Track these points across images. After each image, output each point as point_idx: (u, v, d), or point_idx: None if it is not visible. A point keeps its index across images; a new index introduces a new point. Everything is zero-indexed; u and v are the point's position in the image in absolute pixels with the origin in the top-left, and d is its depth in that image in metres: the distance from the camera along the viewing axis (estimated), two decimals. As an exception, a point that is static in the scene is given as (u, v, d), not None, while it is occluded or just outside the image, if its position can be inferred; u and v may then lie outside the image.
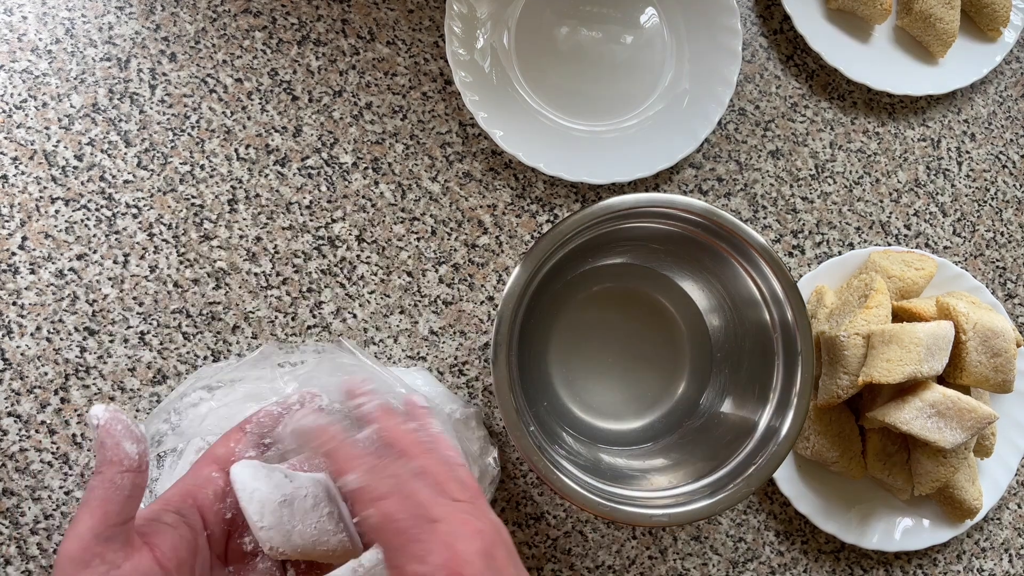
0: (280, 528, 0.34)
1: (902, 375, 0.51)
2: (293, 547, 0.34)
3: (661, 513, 0.45)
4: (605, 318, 0.57)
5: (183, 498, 0.34)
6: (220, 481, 0.35)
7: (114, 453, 0.30)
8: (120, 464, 0.30)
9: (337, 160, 0.58)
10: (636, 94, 0.61)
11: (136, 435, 0.30)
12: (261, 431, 0.37)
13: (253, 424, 0.37)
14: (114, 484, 0.30)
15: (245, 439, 0.37)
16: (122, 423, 0.30)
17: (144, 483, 0.31)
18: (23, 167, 0.54)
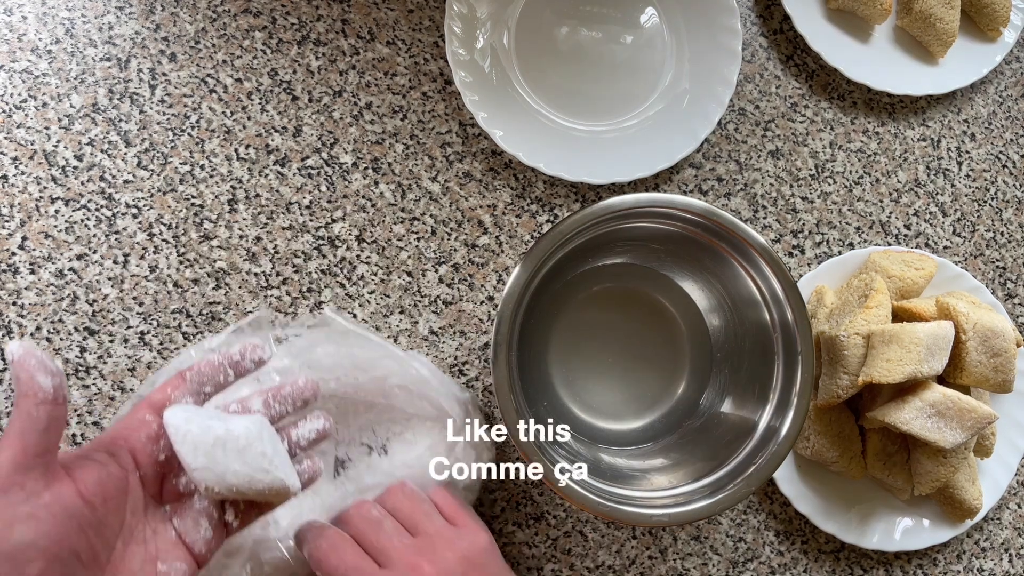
0: (213, 468, 0.35)
1: (902, 375, 0.51)
2: (227, 486, 0.35)
3: (661, 513, 0.45)
4: (605, 318, 0.57)
5: (114, 439, 0.35)
6: (154, 425, 0.36)
7: (28, 386, 0.30)
8: (35, 396, 0.30)
9: (337, 160, 0.58)
10: (636, 94, 0.61)
11: (51, 369, 0.31)
12: (201, 379, 0.38)
13: (193, 372, 0.38)
14: (30, 416, 0.30)
15: (184, 386, 0.37)
16: (36, 357, 0.31)
17: (62, 416, 0.31)
18: (23, 167, 0.54)
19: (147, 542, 0.34)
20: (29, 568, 0.29)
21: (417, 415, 0.50)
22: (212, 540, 0.36)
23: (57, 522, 0.30)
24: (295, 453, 0.40)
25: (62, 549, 0.30)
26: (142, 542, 0.34)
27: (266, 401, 0.39)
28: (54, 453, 0.31)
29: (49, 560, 0.29)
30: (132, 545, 0.34)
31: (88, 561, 0.31)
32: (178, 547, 0.35)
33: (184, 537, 0.36)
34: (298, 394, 0.40)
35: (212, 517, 0.36)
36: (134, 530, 0.34)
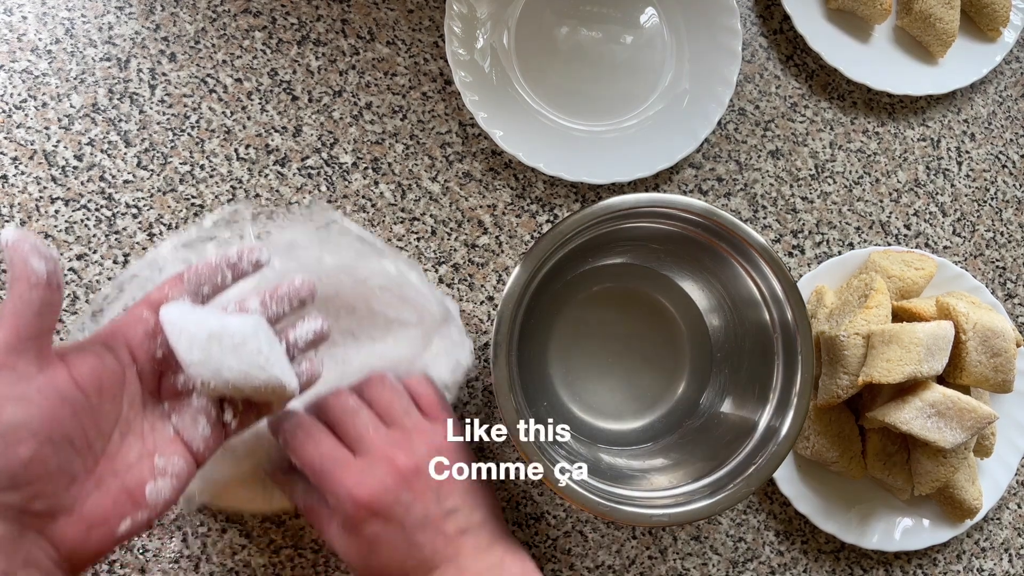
0: (209, 363, 0.35)
1: (902, 375, 0.51)
2: (223, 382, 0.35)
3: (661, 513, 0.45)
4: (605, 318, 0.57)
5: (111, 333, 0.35)
6: (151, 321, 0.36)
7: (21, 270, 0.30)
8: (27, 280, 0.30)
9: (337, 160, 0.58)
10: (636, 94, 0.61)
11: (44, 254, 0.31)
12: (199, 280, 0.37)
13: (191, 273, 0.38)
14: (23, 299, 0.30)
15: (181, 286, 0.37)
16: (29, 242, 0.31)
17: (56, 302, 0.31)
18: (23, 167, 0.54)
19: (145, 437, 0.35)
20: (20, 449, 0.29)
21: (399, 320, 0.50)
22: (210, 439, 0.36)
23: (49, 404, 0.30)
24: (293, 355, 0.40)
25: (54, 432, 0.30)
26: (140, 436, 0.34)
27: (263, 301, 0.39)
28: (47, 338, 0.31)
29: (41, 442, 0.30)
30: (129, 437, 0.34)
31: (82, 447, 0.32)
32: (176, 443, 0.35)
33: (182, 434, 0.36)
34: (294, 294, 0.40)
35: (211, 417, 0.37)
36: (132, 424, 0.34)
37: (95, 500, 0.32)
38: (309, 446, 0.40)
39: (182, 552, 0.52)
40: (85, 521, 0.32)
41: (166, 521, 0.52)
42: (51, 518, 0.31)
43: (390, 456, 0.40)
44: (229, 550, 0.53)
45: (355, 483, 0.39)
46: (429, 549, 0.40)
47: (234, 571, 0.53)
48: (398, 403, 0.43)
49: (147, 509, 0.33)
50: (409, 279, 0.49)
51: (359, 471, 0.39)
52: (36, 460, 0.29)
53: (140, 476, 0.34)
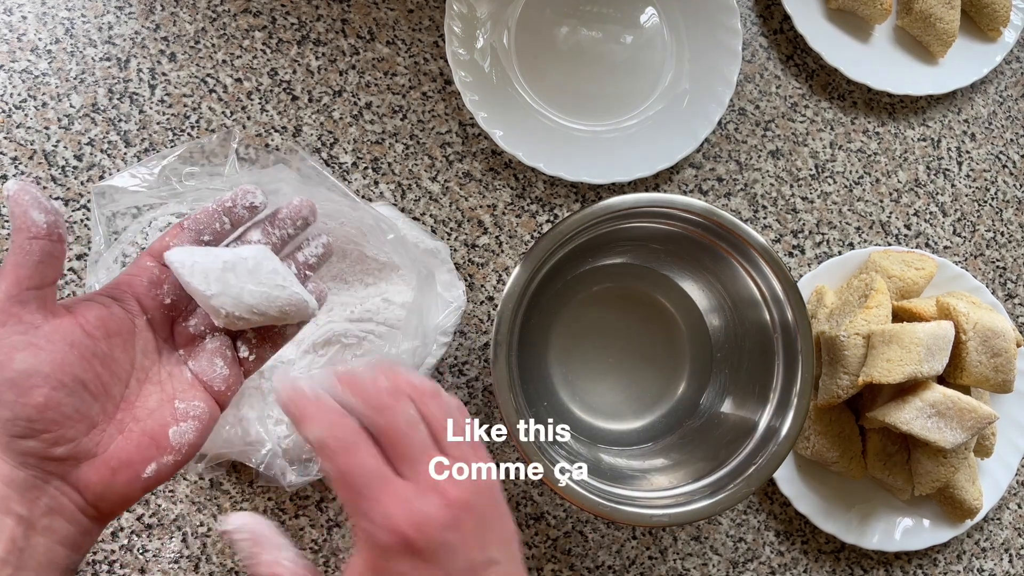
0: (228, 292, 0.35)
1: (902, 375, 0.51)
2: (246, 307, 0.35)
3: (661, 513, 0.45)
4: (605, 318, 0.57)
5: (116, 286, 0.35)
6: (155, 270, 0.36)
7: (22, 221, 0.30)
8: (28, 231, 0.30)
9: (337, 160, 0.57)
10: (636, 94, 0.61)
11: (45, 206, 0.31)
12: (198, 227, 0.37)
13: (191, 221, 0.37)
14: (23, 250, 0.30)
15: (183, 234, 0.37)
16: (31, 194, 0.31)
17: (59, 253, 0.32)
18: (23, 167, 0.54)
19: (163, 384, 0.35)
20: (34, 394, 0.29)
21: (390, 264, 0.50)
22: (230, 377, 0.36)
23: (57, 350, 0.30)
24: (304, 276, 0.40)
25: (66, 376, 0.30)
26: (158, 383, 0.35)
27: (264, 230, 0.39)
28: (51, 289, 0.32)
29: (53, 387, 0.30)
30: (147, 385, 0.34)
31: (97, 391, 0.32)
32: (196, 387, 0.36)
33: (201, 378, 0.36)
34: (296, 214, 0.40)
35: (226, 356, 0.37)
36: (148, 372, 0.35)
37: (118, 444, 0.32)
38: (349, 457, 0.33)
39: (182, 552, 0.52)
40: (109, 465, 0.32)
41: (166, 521, 0.52)
42: (74, 463, 0.31)
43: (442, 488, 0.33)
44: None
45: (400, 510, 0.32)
46: None
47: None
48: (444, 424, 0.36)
49: (172, 452, 0.34)
50: (396, 223, 0.49)
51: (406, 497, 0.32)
52: (51, 405, 0.30)
53: (162, 420, 0.34)
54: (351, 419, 0.33)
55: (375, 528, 0.32)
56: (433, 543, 0.32)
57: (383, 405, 0.34)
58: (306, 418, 0.33)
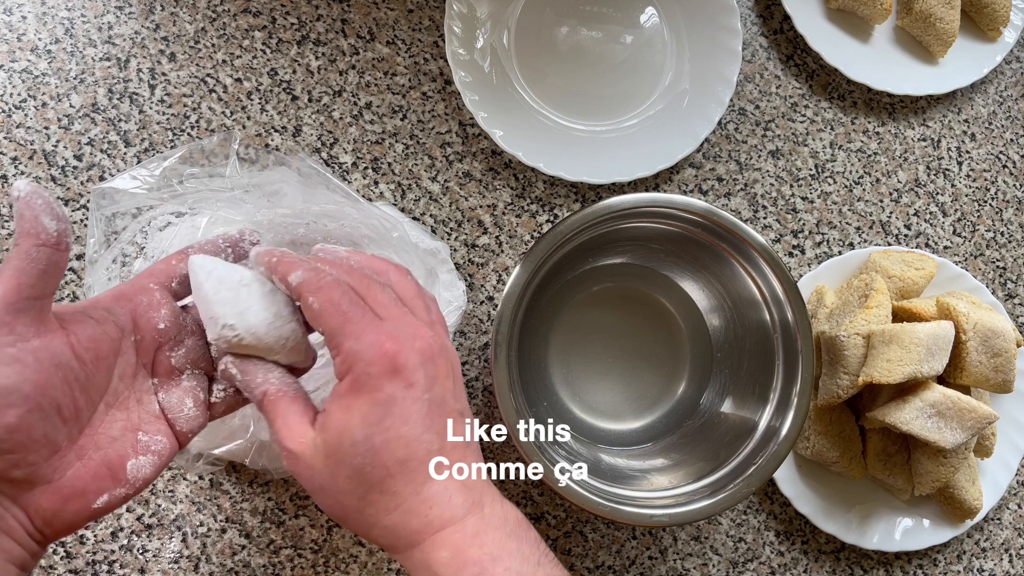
0: (236, 306, 0.34)
1: (902, 375, 0.51)
2: (247, 327, 0.34)
3: (661, 513, 0.45)
4: (605, 318, 0.57)
5: (116, 298, 0.34)
6: (156, 293, 0.35)
7: (32, 225, 0.29)
8: (36, 237, 0.29)
9: (337, 160, 0.57)
10: (636, 94, 0.61)
11: (57, 213, 0.30)
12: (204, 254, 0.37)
13: (196, 249, 0.37)
14: (29, 256, 0.29)
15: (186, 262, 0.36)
16: (43, 198, 0.29)
17: (63, 263, 0.30)
18: (23, 167, 0.54)
19: (130, 410, 0.34)
20: (7, 414, 0.28)
21: None
22: (194, 420, 0.35)
23: (43, 369, 0.29)
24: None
25: (44, 399, 0.29)
26: (125, 408, 0.33)
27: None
28: (49, 300, 0.30)
29: (29, 408, 0.29)
30: (114, 410, 0.33)
31: (69, 417, 0.31)
32: (160, 421, 0.34)
33: (167, 413, 0.35)
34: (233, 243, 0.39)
35: (198, 398, 0.36)
36: (119, 395, 0.33)
37: (75, 472, 0.31)
38: (335, 288, 0.34)
39: (182, 552, 0.52)
40: (63, 493, 0.31)
41: (166, 521, 0.52)
42: (29, 486, 0.30)
43: (415, 327, 0.35)
44: (229, 550, 0.53)
45: (385, 335, 0.33)
46: (438, 442, 0.34)
47: (234, 571, 0.53)
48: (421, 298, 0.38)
49: (126, 486, 0.33)
50: (397, 222, 0.48)
51: (386, 328, 0.34)
52: (22, 427, 0.28)
53: (122, 451, 0.33)
54: (329, 266, 0.35)
55: (362, 348, 0.33)
56: (415, 366, 0.33)
57: (354, 269, 0.36)
58: (288, 265, 0.35)
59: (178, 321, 0.35)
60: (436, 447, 0.34)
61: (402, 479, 0.33)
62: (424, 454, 0.33)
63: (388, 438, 0.32)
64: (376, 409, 0.32)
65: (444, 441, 0.34)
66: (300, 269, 0.34)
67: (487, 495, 0.35)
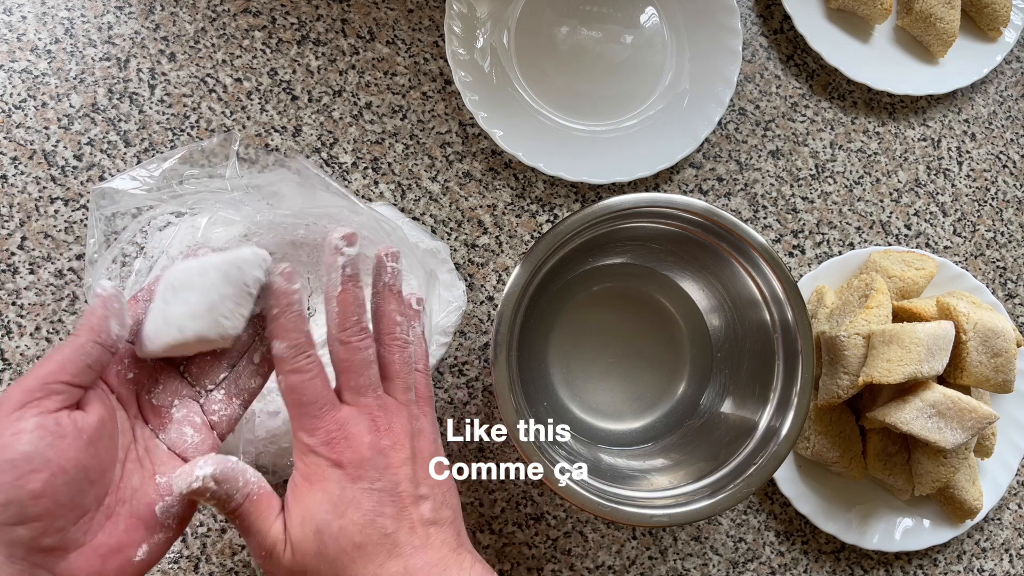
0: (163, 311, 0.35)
1: (902, 375, 0.51)
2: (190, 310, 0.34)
3: (661, 513, 0.45)
4: (605, 318, 0.57)
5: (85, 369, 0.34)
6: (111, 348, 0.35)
7: (99, 323, 0.31)
8: (97, 335, 0.31)
9: (337, 160, 0.57)
10: (636, 94, 0.61)
11: (125, 321, 0.32)
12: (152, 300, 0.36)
13: (145, 292, 0.37)
14: (83, 349, 0.31)
15: (138, 307, 0.36)
16: (120, 303, 0.31)
17: (107, 363, 0.32)
18: (23, 167, 0.54)
19: (141, 460, 0.34)
20: (31, 480, 0.28)
21: None
22: (203, 443, 0.36)
23: (67, 435, 0.30)
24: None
25: (69, 462, 0.30)
26: (136, 460, 0.34)
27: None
28: (82, 391, 0.32)
29: (54, 472, 0.29)
30: (128, 464, 0.34)
31: (95, 478, 0.31)
32: (173, 459, 0.35)
33: (174, 448, 0.36)
34: None
35: (195, 423, 0.36)
36: (127, 451, 0.34)
37: (107, 531, 0.32)
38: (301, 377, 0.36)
39: (182, 552, 0.52)
40: (99, 553, 0.31)
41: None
42: (62, 553, 0.30)
43: (375, 416, 0.37)
44: (229, 550, 0.53)
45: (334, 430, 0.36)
46: (393, 524, 0.35)
47: (234, 571, 0.53)
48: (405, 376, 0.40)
49: (163, 529, 0.33)
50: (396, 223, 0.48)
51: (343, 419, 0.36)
52: (47, 492, 0.29)
53: (147, 498, 0.33)
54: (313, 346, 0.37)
55: (312, 442, 0.35)
56: (360, 460, 0.35)
57: (349, 340, 0.37)
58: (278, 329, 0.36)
59: (145, 363, 0.36)
60: (391, 529, 0.35)
61: (361, 563, 0.34)
62: (379, 537, 0.35)
63: (343, 524, 0.34)
64: (328, 498, 0.35)
65: (400, 524, 0.35)
66: (286, 340, 0.36)
67: (454, 567, 0.36)
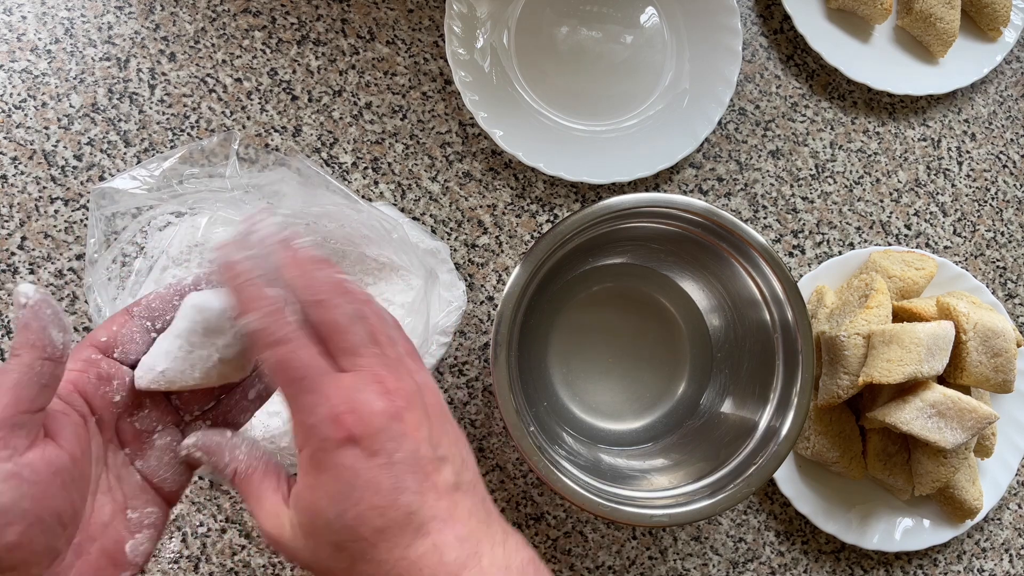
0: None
1: (902, 375, 0.51)
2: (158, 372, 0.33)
3: (661, 513, 0.45)
4: (605, 318, 0.57)
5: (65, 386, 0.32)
6: (103, 364, 0.33)
7: (38, 337, 0.28)
8: (43, 351, 0.28)
9: (337, 160, 0.57)
10: (636, 94, 0.61)
11: (63, 324, 0.28)
12: (151, 315, 0.34)
13: (141, 308, 0.34)
14: (32, 370, 0.28)
15: (131, 323, 0.34)
16: (52, 307, 0.28)
17: (61, 375, 0.29)
18: (23, 167, 0.54)
19: (113, 491, 0.32)
20: (8, 533, 0.26)
21: (390, 264, 0.49)
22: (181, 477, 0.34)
23: (40, 481, 0.28)
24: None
25: (44, 510, 0.28)
26: (108, 491, 0.32)
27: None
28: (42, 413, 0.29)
29: (30, 523, 0.27)
30: (99, 496, 0.31)
31: (68, 520, 0.29)
32: (146, 491, 0.33)
33: (151, 478, 0.33)
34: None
35: (175, 450, 0.34)
36: (99, 480, 0.32)
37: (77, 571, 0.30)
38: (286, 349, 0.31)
39: (182, 552, 0.52)
40: None
41: (166, 521, 0.52)
42: None
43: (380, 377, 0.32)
44: (229, 550, 0.53)
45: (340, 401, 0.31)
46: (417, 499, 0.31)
47: (234, 571, 0.53)
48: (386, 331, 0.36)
49: (131, 568, 0.31)
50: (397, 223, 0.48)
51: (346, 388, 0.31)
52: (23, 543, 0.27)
53: (117, 535, 0.31)
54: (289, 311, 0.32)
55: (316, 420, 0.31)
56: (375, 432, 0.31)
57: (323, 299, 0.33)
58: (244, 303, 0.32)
59: (133, 387, 0.33)
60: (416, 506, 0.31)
61: (384, 547, 0.30)
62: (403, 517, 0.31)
63: (360, 511, 0.30)
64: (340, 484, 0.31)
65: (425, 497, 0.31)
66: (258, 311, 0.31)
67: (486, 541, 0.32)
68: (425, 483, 0.32)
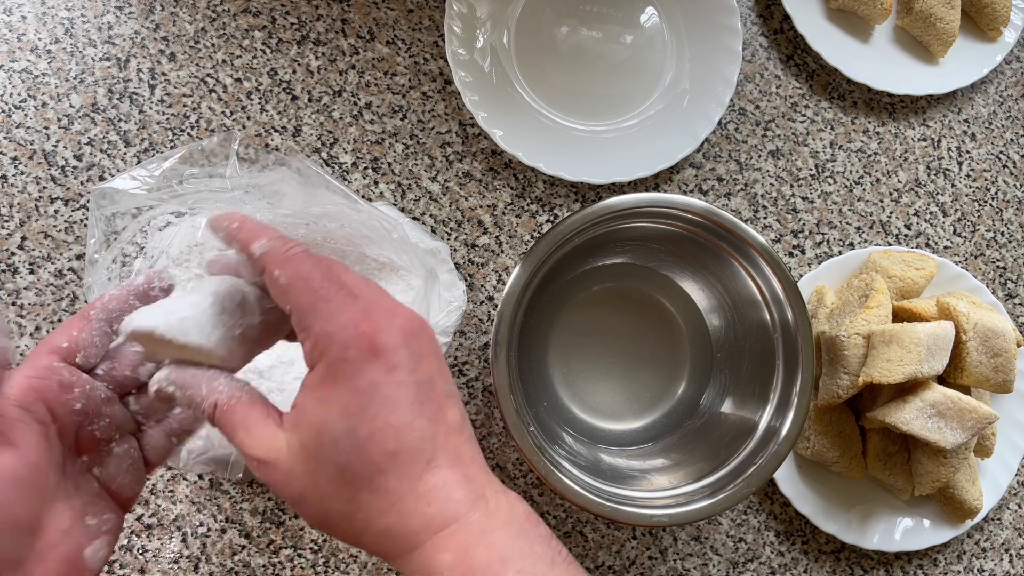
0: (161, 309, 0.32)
1: (902, 375, 0.51)
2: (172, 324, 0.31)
3: (661, 513, 0.45)
4: (605, 318, 0.57)
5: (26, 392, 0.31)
6: (64, 371, 0.32)
7: None
8: None
9: (337, 160, 0.57)
10: (636, 94, 0.61)
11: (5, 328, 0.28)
12: (108, 316, 0.34)
13: (98, 310, 0.34)
14: None
15: (89, 326, 0.33)
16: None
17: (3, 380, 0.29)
18: (23, 167, 0.54)
19: (71, 498, 0.31)
20: None
21: (390, 264, 0.49)
22: (137, 482, 0.33)
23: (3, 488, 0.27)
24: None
25: (8, 521, 0.27)
26: (65, 499, 0.31)
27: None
28: None
29: None
30: (57, 504, 0.31)
31: (31, 528, 0.29)
32: (103, 498, 0.32)
33: (110, 485, 0.33)
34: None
35: (136, 459, 0.34)
36: (58, 488, 0.31)
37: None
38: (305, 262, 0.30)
39: (182, 552, 0.52)
40: None
41: (166, 521, 0.52)
42: None
43: (391, 302, 0.31)
44: (229, 550, 0.53)
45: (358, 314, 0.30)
46: (431, 428, 0.30)
47: (234, 571, 0.53)
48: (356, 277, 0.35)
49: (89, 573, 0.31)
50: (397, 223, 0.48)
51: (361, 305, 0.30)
52: None
53: (77, 542, 0.31)
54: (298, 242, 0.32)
55: (336, 329, 0.29)
56: (395, 347, 0.30)
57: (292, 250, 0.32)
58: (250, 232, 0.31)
59: (94, 395, 0.33)
60: (429, 434, 0.30)
61: (394, 475, 0.29)
62: (417, 443, 0.29)
63: (374, 429, 0.29)
64: (358, 397, 0.29)
65: (437, 427, 0.30)
66: (264, 237, 0.31)
67: (489, 487, 0.31)
68: (438, 415, 0.30)
